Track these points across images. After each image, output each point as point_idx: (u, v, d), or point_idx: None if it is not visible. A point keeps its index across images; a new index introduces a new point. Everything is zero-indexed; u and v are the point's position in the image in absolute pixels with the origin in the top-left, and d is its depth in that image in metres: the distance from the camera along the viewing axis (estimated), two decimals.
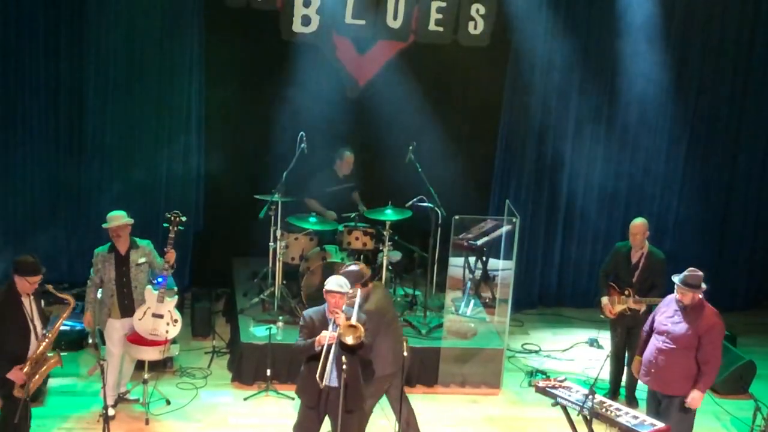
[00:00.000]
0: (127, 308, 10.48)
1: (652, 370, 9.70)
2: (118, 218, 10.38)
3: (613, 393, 11.38)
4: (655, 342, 9.72)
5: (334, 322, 8.79)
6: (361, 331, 8.71)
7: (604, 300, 11.30)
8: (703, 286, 9.51)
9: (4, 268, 13.06)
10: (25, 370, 8.80)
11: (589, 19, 13.67)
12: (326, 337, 8.75)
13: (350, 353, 8.78)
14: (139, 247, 10.52)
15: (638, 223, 11.32)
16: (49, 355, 8.99)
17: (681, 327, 9.51)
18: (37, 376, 8.93)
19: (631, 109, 14.03)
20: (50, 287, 8.90)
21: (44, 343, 8.91)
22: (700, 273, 9.52)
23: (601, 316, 11.50)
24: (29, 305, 8.93)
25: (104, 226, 10.41)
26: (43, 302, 9.12)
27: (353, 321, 8.75)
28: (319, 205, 13.02)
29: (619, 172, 14.27)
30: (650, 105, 14.03)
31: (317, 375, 8.69)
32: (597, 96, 13.97)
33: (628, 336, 11.22)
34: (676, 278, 9.58)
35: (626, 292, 11.16)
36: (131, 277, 10.45)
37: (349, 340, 8.68)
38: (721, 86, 14.14)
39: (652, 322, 9.87)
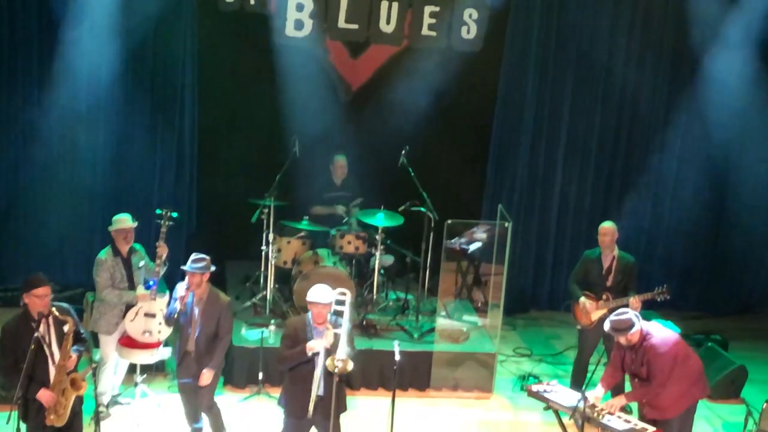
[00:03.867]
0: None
1: (644, 411, 9.68)
2: (125, 221, 10.43)
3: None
4: (633, 384, 9.72)
5: (323, 337, 8.91)
6: (348, 365, 8.75)
7: (583, 299, 11.16)
8: (636, 324, 9.31)
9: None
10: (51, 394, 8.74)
11: (582, 24, 13.68)
12: (317, 344, 8.87)
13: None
14: (137, 251, 10.57)
15: (608, 225, 11.24)
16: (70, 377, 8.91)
17: (638, 366, 9.48)
18: (65, 402, 8.83)
19: (624, 113, 14.05)
20: (53, 310, 8.79)
21: (55, 369, 8.84)
22: (627, 316, 9.35)
23: (578, 327, 11.40)
24: (45, 330, 8.75)
25: (111, 228, 10.41)
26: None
27: (342, 355, 8.78)
28: (323, 208, 13.04)
29: (612, 176, 14.29)
30: (642, 107, 14.05)
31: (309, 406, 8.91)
32: (590, 100, 13.99)
33: (606, 342, 11.15)
34: (606, 325, 9.50)
35: (604, 296, 11.10)
36: (135, 281, 10.48)
37: (336, 370, 8.74)
38: (716, 90, 14.15)
39: (619, 360, 9.74)
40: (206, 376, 9.63)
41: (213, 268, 9.66)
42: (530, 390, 10.03)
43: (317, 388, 8.91)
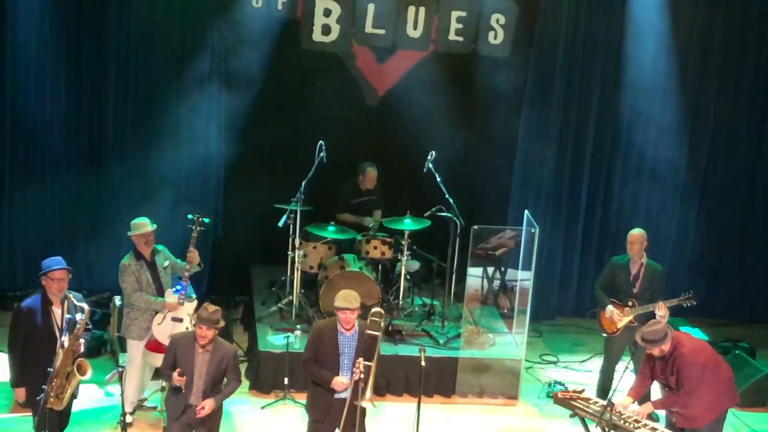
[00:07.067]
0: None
1: (673, 419, 9.66)
2: (145, 225, 10.44)
3: None
4: (663, 393, 9.70)
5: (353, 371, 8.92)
6: (372, 405, 8.94)
7: (610, 307, 11.12)
8: (668, 334, 9.29)
9: (24, 275, 13.27)
10: (55, 382, 8.83)
11: (609, 29, 13.63)
12: (344, 384, 8.98)
13: (368, 360, 8.89)
14: (160, 252, 10.60)
15: (637, 233, 11.20)
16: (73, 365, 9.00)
17: (668, 375, 9.44)
18: (68, 386, 8.94)
19: (652, 119, 13.98)
20: (70, 295, 8.94)
21: (63, 353, 8.91)
22: (659, 326, 9.35)
23: (604, 335, 11.39)
24: (59, 315, 8.93)
25: (132, 233, 10.43)
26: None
27: (366, 402, 8.87)
28: (352, 216, 13.06)
29: (639, 182, 14.23)
30: (669, 114, 13.98)
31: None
32: (617, 106, 13.93)
33: (633, 348, 11.09)
34: (638, 337, 9.48)
35: (630, 303, 11.05)
36: (162, 283, 10.51)
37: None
38: (741, 94, 14.10)
39: (649, 370, 9.72)
40: (208, 405, 9.05)
41: (223, 323, 9.28)
42: (556, 397, 10.00)
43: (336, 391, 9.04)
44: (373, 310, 9.10)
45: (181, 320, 10.43)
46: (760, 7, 13.87)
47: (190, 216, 10.62)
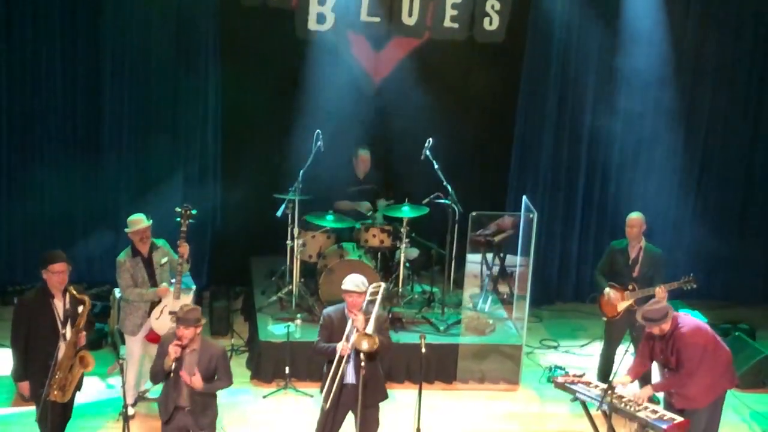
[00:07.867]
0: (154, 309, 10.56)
1: (672, 400, 9.66)
2: (140, 221, 10.40)
3: None
4: (662, 374, 9.72)
5: (353, 325, 8.90)
6: (375, 340, 8.79)
7: (608, 291, 11.14)
8: (670, 314, 9.31)
9: (23, 269, 13.28)
10: (58, 375, 8.85)
11: (605, 14, 13.61)
12: (347, 347, 8.89)
13: (368, 354, 8.87)
14: (159, 248, 10.58)
15: (635, 216, 11.24)
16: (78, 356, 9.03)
17: (668, 355, 9.45)
18: (71, 378, 8.98)
19: (648, 101, 13.97)
20: (71, 288, 8.96)
21: (65, 346, 8.94)
22: (661, 305, 9.38)
23: (604, 319, 11.42)
24: (61, 308, 8.96)
25: (128, 230, 10.42)
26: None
27: (369, 330, 8.80)
28: (349, 203, 13.05)
29: (637, 166, 14.22)
30: (666, 97, 13.96)
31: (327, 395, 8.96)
32: (613, 90, 13.91)
33: (633, 332, 11.12)
34: (638, 315, 9.50)
35: (630, 287, 11.09)
36: (157, 280, 10.50)
37: (364, 346, 8.77)
38: (740, 74, 14.08)
39: (648, 350, 9.75)
40: (196, 379, 8.69)
41: (204, 320, 8.92)
42: (557, 381, 10.02)
43: (347, 377, 9.02)
44: (374, 284, 9.11)
45: None
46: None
47: (178, 209, 10.55)
